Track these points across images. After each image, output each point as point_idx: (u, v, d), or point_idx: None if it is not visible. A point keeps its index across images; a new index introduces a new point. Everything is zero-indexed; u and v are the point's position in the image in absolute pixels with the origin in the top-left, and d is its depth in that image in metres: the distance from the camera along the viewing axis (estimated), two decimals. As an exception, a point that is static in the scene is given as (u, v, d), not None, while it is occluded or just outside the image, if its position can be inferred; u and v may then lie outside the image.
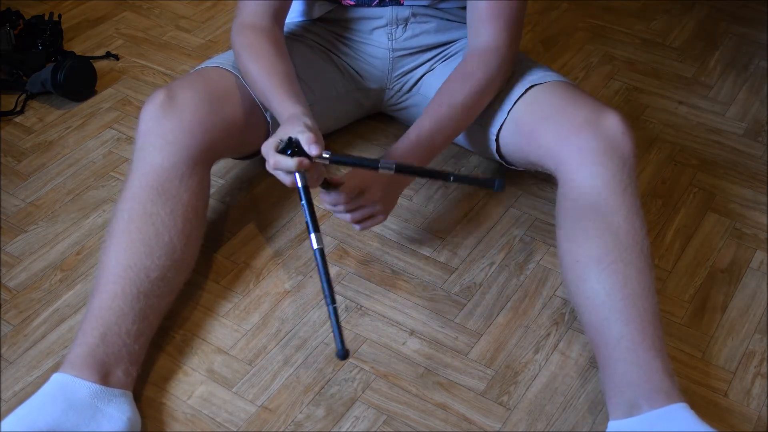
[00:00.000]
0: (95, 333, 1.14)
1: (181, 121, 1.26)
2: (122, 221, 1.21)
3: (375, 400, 1.21)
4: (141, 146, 1.26)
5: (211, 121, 1.29)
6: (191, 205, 1.25)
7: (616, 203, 1.20)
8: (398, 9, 1.45)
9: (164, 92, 1.29)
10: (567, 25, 2.02)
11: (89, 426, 1.08)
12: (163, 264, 1.20)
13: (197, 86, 1.31)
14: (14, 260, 1.41)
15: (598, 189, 1.21)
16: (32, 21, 1.87)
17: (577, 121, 1.26)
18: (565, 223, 1.24)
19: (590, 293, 1.17)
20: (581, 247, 1.20)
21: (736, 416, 1.20)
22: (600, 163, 1.22)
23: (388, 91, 1.55)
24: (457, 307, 1.34)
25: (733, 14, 2.06)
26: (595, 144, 1.23)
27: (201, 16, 2.02)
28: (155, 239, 1.20)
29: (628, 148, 1.23)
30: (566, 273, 1.22)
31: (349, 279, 1.38)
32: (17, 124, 1.69)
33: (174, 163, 1.24)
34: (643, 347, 1.12)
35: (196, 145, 1.27)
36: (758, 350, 1.29)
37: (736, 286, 1.39)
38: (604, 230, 1.18)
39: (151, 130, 1.26)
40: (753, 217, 1.52)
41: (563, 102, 1.31)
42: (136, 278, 1.18)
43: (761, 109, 1.76)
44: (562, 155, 1.25)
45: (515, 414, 1.20)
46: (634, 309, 1.14)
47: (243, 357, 1.27)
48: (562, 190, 1.26)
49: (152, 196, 1.22)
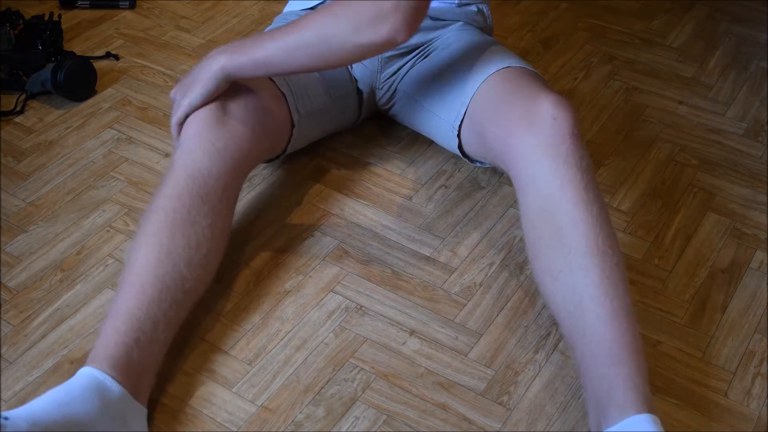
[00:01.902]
0: (131, 335, 1.10)
1: (232, 130, 1.25)
2: (166, 220, 1.17)
3: (375, 400, 1.21)
4: (187, 149, 1.23)
5: (258, 133, 1.29)
6: (225, 218, 1.24)
7: (557, 199, 1.14)
8: None
9: (217, 104, 1.27)
10: (567, 25, 2.02)
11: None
12: (196, 276, 1.18)
13: (247, 97, 1.30)
14: (14, 260, 1.41)
15: (539, 188, 1.16)
16: (32, 21, 1.87)
17: (514, 116, 1.21)
18: (524, 232, 1.21)
19: (553, 307, 1.16)
20: (536, 259, 1.17)
21: (736, 416, 1.20)
22: (536, 160, 1.16)
23: (378, 91, 1.55)
24: (457, 307, 1.34)
25: (733, 14, 2.06)
26: (530, 140, 1.17)
27: (201, 16, 2.02)
28: (196, 250, 1.18)
29: (562, 130, 1.15)
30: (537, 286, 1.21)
31: (349, 279, 1.38)
32: (17, 124, 1.69)
33: (221, 172, 1.22)
34: (601, 359, 1.06)
35: (243, 156, 1.26)
36: (758, 350, 1.29)
37: (736, 286, 1.39)
38: (550, 236, 1.14)
39: (200, 135, 1.24)
40: (753, 217, 1.52)
41: (505, 94, 1.26)
42: (172, 286, 1.15)
43: (761, 109, 1.76)
44: (506, 156, 1.22)
45: (515, 414, 1.20)
46: (588, 318, 1.08)
47: (243, 357, 1.27)
48: (516, 192, 1.23)
49: (197, 202, 1.19)
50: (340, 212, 1.50)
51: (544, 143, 1.16)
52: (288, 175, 1.57)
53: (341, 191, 1.54)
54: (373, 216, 1.49)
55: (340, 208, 1.50)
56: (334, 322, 1.32)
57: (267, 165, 1.58)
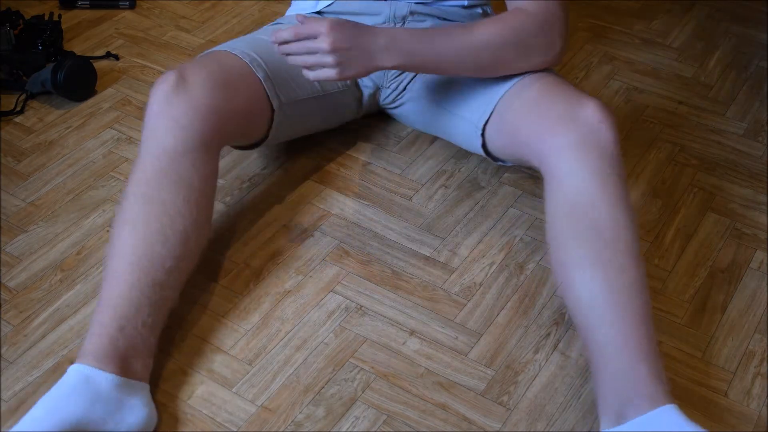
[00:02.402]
0: (114, 324, 1.13)
1: (193, 104, 1.24)
2: (136, 206, 1.19)
3: (375, 400, 1.21)
4: (152, 128, 1.24)
5: (223, 106, 1.28)
6: (202, 192, 1.24)
7: (597, 198, 1.17)
8: (396, 5, 1.45)
9: (176, 73, 1.27)
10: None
11: (115, 418, 1.08)
12: (176, 253, 1.19)
13: (210, 69, 1.30)
14: (14, 260, 1.41)
15: (577, 185, 1.18)
16: (32, 21, 1.87)
17: (554, 115, 1.23)
18: (550, 223, 1.22)
19: (576, 297, 1.16)
20: (564, 249, 1.18)
21: (736, 416, 1.20)
22: (577, 158, 1.19)
23: (384, 90, 1.55)
24: (457, 307, 1.34)
25: (733, 14, 2.06)
26: (572, 137, 1.20)
27: (201, 16, 2.02)
28: (170, 227, 1.19)
29: (607, 136, 1.19)
30: (555, 276, 1.21)
31: (349, 279, 1.38)
32: (17, 124, 1.69)
33: (187, 147, 1.23)
34: (627, 352, 1.10)
35: (208, 129, 1.25)
36: (758, 350, 1.29)
37: (736, 286, 1.39)
38: (586, 229, 1.16)
39: (163, 112, 1.24)
40: (753, 217, 1.52)
41: (543, 95, 1.28)
42: (151, 268, 1.16)
43: (761, 109, 1.76)
44: (542, 152, 1.23)
45: (515, 414, 1.20)
46: (617, 312, 1.12)
47: (243, 357, 1.27)
48: (546, 187, 1.24)
49: (165, 181, 1.20)
50: (340, 212, 1.50)
51: (587, 142, 1.19)
52: (288, 175, 1.57)
53: (341, 191, 1.54)
54: (373, 216, 1.49)
55: (340, 208, 1.50)
56: (334, 322, 1.32)
57: (267, 165, 1.58)
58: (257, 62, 1.38)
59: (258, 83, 1.36)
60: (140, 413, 1.11)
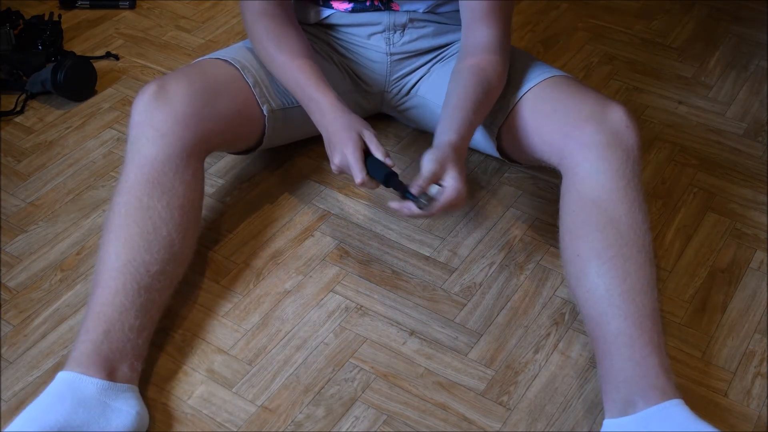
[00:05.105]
0: (98, 330, 1.14)
1: (173, 113, 1.27)
2: (119, 215, 1.21)
3: (375, 400, 1.21)
4: (134, 138, 1.27)
5: (205, 113, 1.29)
6: (187, 198, 1.26)
7: (618, 197, 1.20)
8: (395, 15, 1.45)
9: (156, 84, 1.29)
10: (567, 25, 2.02)
11: (99, 422, 1.09)
12: (162, 258, 1.21)
13: (191, 77, 1.32)
14: (14, 260, 1.41)
15: (602, 182, 1.21)
16: (32, 21, 1.87)
17: (582, 114, 1.26)
18: (567, 216, 1.24)
19: (590, 287, 1.17)
20: (582, 241, 1.20)
21: (736, 416, 1.20)
22: (604, 157, 1.22)
23: (387, 94, 1.55)
24: (457, 307, 1.34)
25: (733, 14, 2.06)
26: (600, 137, 1.23)
27: (201, 16, 2.02)
28: (153, 233, 1.21)
29: (632, 141, 1.23)
30: (567, 267, 1.22)
31: (349, 279, 1.38)
32: (17, 124, 1.69)
33: (168, 155, 1.24)
34: (640, 343, 1.12)
35: (189, 136, 1.27)
36: (758, 350, 1.29)
37: (736, 286, 1.39)
38: (606, 224, 1.19)
39: (144, 122, 1.26)
40: (753, 217, 1.52)
41: (567, 96, 1.31)
42: (136, 273, 1.18)
43: (761, 109, 1.76)
44: (566, 149, 1.26)
45: (515, 414, 1.20)
46: (632, 304, 1.14)
47: (243, 357, 1.27)
48: (565, 183, 1.26)
49: (148, 189, 1.22)
50: (340, 212, 1.50)
51: (614, 143, 1.22)
52: (288, 175, 1.57)
53: (341, 191, 1.54)
54: (373, 216, 1.49)
55: (340, 208, 1.50)
56: (334, 322, 1.32)
57: (267, 165, 1.58)
58: (247, 68, 1.39)
59: (247, 89, 1.37)
60: (127, 416, 1.12)
